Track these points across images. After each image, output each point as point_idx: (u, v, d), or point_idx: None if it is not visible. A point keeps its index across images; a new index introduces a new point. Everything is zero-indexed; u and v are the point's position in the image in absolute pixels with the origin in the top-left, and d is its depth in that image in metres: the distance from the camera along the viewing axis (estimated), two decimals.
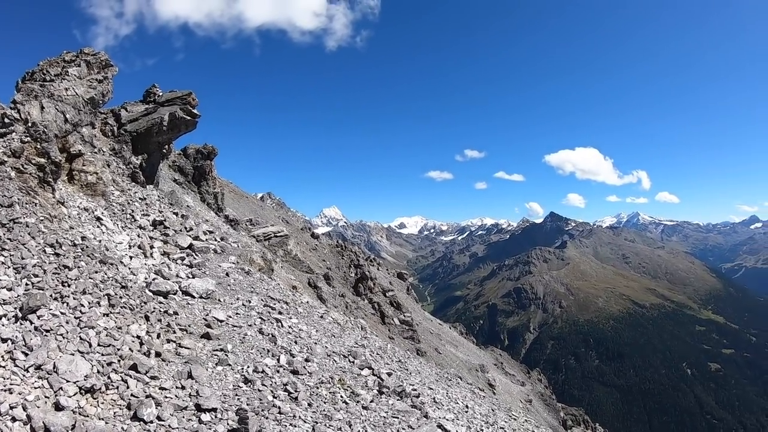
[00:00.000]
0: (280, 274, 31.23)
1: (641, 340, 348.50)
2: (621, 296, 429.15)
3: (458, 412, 18.48)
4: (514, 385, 76.55)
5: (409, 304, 73.74)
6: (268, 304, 18.44)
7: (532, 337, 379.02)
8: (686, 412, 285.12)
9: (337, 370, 15.20)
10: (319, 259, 54.93)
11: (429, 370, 25.70)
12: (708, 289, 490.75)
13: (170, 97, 29.73)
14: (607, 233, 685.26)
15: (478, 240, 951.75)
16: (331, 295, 43.07)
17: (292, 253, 45.80)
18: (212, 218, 32.39)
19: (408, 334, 53.01)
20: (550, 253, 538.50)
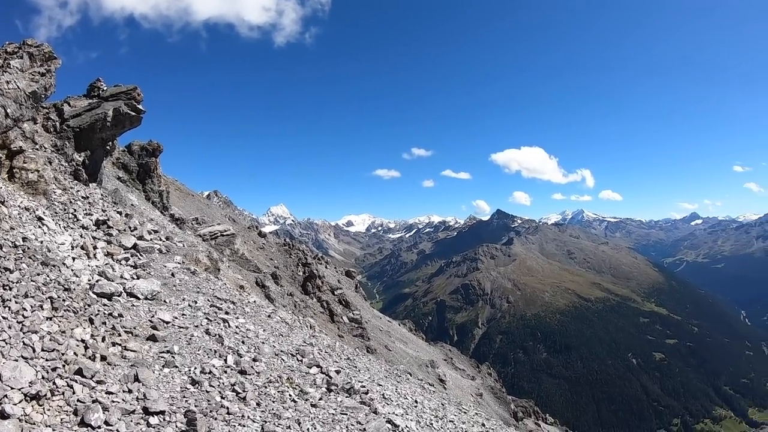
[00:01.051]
0: (227, 274, 30.91)
1: (587, 333, 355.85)
2: (567, 291, 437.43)
3: (407, 407, 18.57)
4: (464, 379, 77.23)
5: (358, 302, 73.80)
6: (214, 305, 18.26)
7: (481, 332, 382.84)
8: (633, 400, 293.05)
9: (285, 369, 15.14)
10: (266, 258, 54.58)
11: (378, 367, 25.75)
12: (651, 282, 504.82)
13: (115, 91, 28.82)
14: (553, 230, 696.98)
15: (425, 237, 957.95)
16: (279, 295, 42.89)
17: (239, 253, 45.41)
18: (157, 217, 31.88)
19: (357, 331, 53.11)
20: (497, 250, 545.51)
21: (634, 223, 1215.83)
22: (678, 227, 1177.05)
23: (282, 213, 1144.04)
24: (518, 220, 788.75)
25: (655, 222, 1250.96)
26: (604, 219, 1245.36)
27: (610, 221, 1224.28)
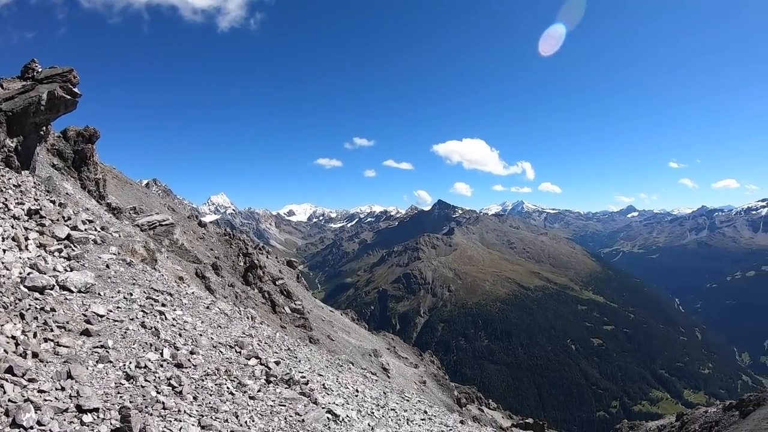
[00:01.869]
0: (166, 265, 30.33)
1: (527, 320, 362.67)
2: (507, 279, 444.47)
3: (348, 397, 18.51)
4: (407, 367, 77.62)
5: (300, 292, 73.46)
6: (150, 297, 17.83)
7: (423, 320, 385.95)
8: (573, 384, 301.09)
9: (223, 362, 14.87)
10: (206, 249, 53.74)
11: (319, 357, 25.62)
12: (588, 271, 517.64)
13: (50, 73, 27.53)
14: (493, 220, 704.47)
15: (367, 227, 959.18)
16: (219, 285, 42.28)
17: (179, 243, 44.56)
18: (93, 206, 30.98)
19: (300, 322, 52.84)
20: (438, 240, 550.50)
21: (573, 214, 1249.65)
22: (615, 219, 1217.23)
23: (222, 202, 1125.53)
24: (459, 211, 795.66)
25: (593, 214, 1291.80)
26: (543, 210, 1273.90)
27: (550, 212, 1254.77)
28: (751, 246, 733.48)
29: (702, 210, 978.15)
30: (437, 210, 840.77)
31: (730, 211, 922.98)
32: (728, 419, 56.91)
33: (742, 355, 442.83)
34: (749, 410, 54.99)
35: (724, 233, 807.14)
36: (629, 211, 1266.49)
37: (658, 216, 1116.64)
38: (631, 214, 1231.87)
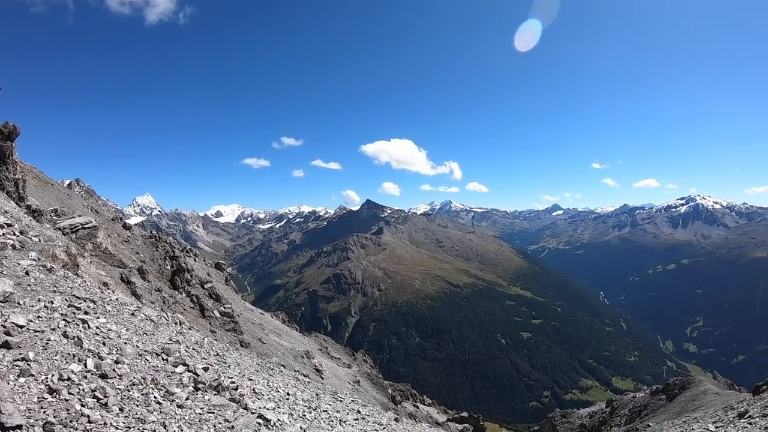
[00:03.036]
0: (89, 270, 29.43)
1: (458, 317, 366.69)
2: (436, 277, 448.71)
3: (279, 400, 18.21)
4: (340, 368, 77.37)
5: (229, 295, 72.44)
6: (73, 304, 17.18)
7: (354, 320, 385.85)
8: (505, 377, 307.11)
9: (149, 370, 14.40)
10: (132, 252, 52.38)
11: (250, 361, 25.20)
12: (516, 268, 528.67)
13: None
14: (422, 220, 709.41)
15: (296, 228, 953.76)
16: (146, 291, 41.25)
17: (103, 247, 43.27)
18: (12, 209, 29.80)
19: (230, 326, 51.99)
20: (368, 240, 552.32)
21: (500, 213, 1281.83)
22: (541, 217, 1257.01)
23: (148, 203, 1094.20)
24: (388, 210, 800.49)
25: (520, 212, 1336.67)
26: (471, 209, 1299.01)
27: (477, 211, 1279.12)
28: (671, 241, 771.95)
29: (624, 208, 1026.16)
30: (366, 210, 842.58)
31: (650, 208, 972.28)
32: (656, 403, 58.93)
33: (665, 343, 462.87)
34: (675, 393, 57.22)
35: (645, 230, 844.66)
36: (554, 210, 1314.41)
37: (582, 214, 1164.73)
38: (556, 213, 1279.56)
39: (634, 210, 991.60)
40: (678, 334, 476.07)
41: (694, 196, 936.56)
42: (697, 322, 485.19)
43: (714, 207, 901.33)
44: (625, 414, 63.60)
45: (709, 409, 40.32)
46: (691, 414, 41.16)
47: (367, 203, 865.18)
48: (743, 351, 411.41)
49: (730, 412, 27.56)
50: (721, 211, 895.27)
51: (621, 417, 63.70)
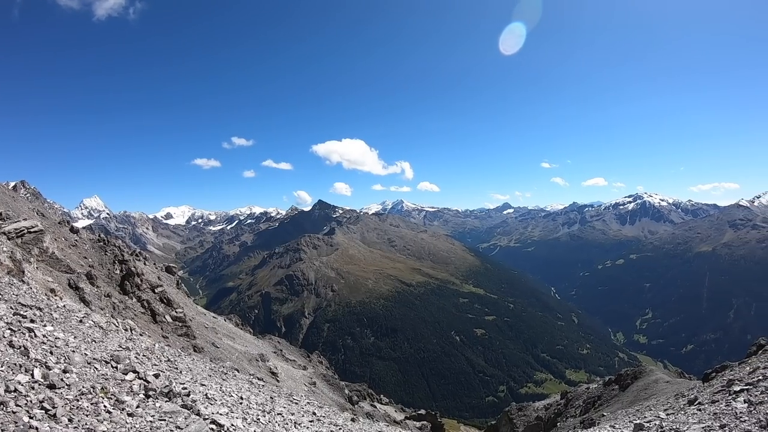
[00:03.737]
0: (35, 276, 28.65)
1: (411, 315, 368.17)
2: (389, 277, 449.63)
3: (233, 405, 17.92)
4: (296, 370, 77.00)
5: (181, 299, 71.43)
6: (18, 312, 16.63)
7: (308, 321, 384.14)
8: (461, 373, 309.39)
9: (99, 378, 13.98)
10: (80, 257, 51.15)
11: (202, 366, 24.86)
12: (468, 266, 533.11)
13: None
14: (374, 220, 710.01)
15: (247, 229, 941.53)
16: (95, 296, 40.35)
17: (49, 251, 42.15)
18: None
19: (182, 331, 51.22)
20: (320, 240, 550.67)
21: (451, 212, 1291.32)
22: (492, 216, 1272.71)
23: (96, 206, 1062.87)
24: (339, 210, 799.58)
25: (471, 211, 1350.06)
26: (422, 209, 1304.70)
27: (429, 211, 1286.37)
28: (620, 237, 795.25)
29: (573, 206, 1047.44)
30: (318, 210, 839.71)
31: (599, 206, 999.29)
32: (609, 393, 59.89)
33: (616, 335, 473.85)
34: (628, 383, 58.24)
35: (594, 226, 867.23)
36: (505, 208, 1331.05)
37: (533, 212, 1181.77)
38: (507, 211, 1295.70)
39: (583, 208, 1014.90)
40: (628, 326, 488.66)
41: (642, 194, 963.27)
42: (646, 315, 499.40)
43: (660, 204, 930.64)
44: (580, 405, 64.55)
45: (661, 397, 41.11)
46: (644, 402, 41.92)
47: (318, 203, 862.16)
48: (692, 341, 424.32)
49: (681, 399, 28.10)
50: (668, 208, 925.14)
51: (576, 408, 64.63)
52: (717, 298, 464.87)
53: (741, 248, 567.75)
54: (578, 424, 47.52)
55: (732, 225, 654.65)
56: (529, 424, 69.70)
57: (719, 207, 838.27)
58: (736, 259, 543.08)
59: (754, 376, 21.41)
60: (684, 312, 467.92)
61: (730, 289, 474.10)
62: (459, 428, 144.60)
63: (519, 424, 72.86)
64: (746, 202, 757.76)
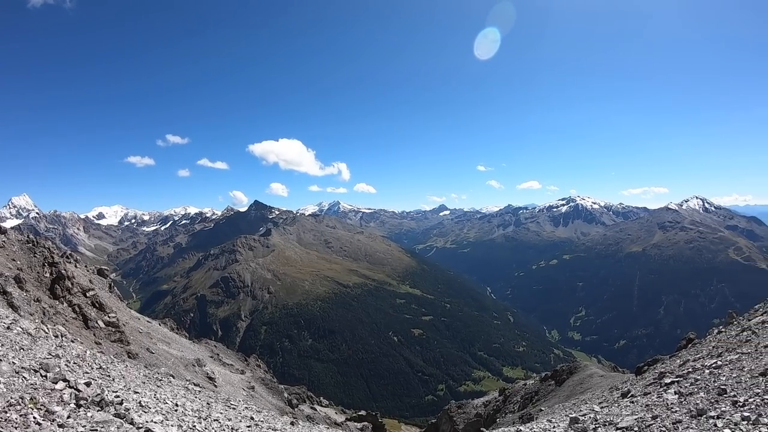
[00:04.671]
0: None
1: (349, 316, 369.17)
2: (326, 278, 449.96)
3: (168, 413, 17.40)
4: (233, 374, 75.98)
5: (114, 304, 69.65)
6: None
7: (245, 324, 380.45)
8: (399, 373, 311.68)
9: (27, 388, 13.36)
10: (7, 259, 49.32)
11: (136, 373, 24.22)
12: (404, 267, 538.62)
13: None
14: (310, 221, 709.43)
15: (182, 230, 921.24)
16: (25, 301, 38.95)
17: None
18: None
19: (116, 336, 49.90)
20: (256, 241, 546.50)
21: (388, 213, 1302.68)
22: (428, 217, 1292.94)
23: (25, 204, 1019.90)
24: (276, 211, 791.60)
25: (407, 213, 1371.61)
26: (359, 210, 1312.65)
27: (365, 212, 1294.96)
28: (553, 239, 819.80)
29: (508, 208, 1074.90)
30: (254, 211, 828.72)
31: (533, 208, 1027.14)
32: (546, 388, 60.84)
33: (551, 333, 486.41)
34: (564, 378, 59.27)
35: (528, 228, 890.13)
36: (441, 210, 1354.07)
37: (469, 214, 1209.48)
38: (443, 213, 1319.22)
39: (518, 210, 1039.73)
40: (563, 323, 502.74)
41: (575, 197, 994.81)
42: (579, 312, 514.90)
43: (593, 207, 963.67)
44: (518, 401, 65.47)
45: (596, 390, 41.98)
46: (580, 396, 42.74)
47: (255, 204, 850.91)
48: (624, 336, 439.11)
49: (615, 392, 28.71)
50: (600, 210, 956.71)
51: (514, 404, 65.54)
52: (647, 296, 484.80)
53: (670, 249, 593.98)
54: (517, 420, 48.12)
55: (661, 227, 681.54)
56: (469, 421, 70.31)
57: (649, 210, 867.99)
58: (665, 259, 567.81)
59: (684, 368, 21.96)
60: (616, 309, 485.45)
61: (659, 287, 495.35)
62: (400, 428, 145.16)
63: (459, 421, 73.42)
64: (675, 205, 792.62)
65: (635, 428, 13.96)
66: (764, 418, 11.60)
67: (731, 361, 18.53)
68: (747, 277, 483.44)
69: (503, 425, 48.43)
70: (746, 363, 17.31)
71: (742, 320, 28.38)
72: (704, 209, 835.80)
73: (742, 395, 13.76)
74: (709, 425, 12.23)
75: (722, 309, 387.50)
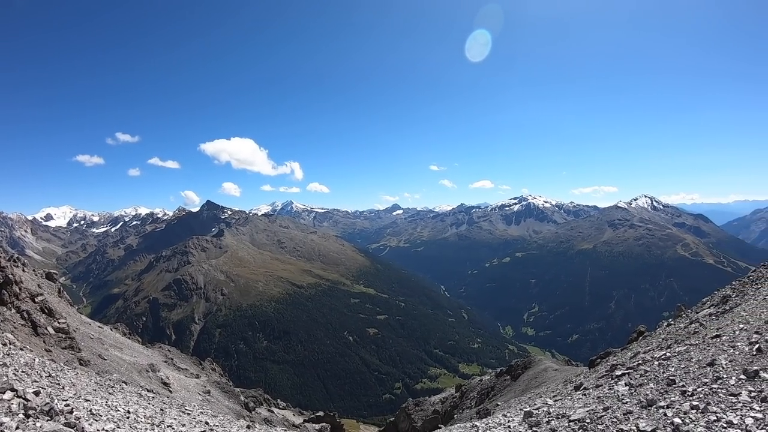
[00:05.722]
0: None
1: (303, 317, 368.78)
2: (280, 279, 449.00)
3: (119, 420, 17.05)
4: (188, 379, 75.09)
5: (63, 309, 68.22)
6: None
7: (199, 327, 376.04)
8: (356, 373, 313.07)
9: None
10: None
11: (87, 380, 23.75)
12: (358, 267, 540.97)
13: None
14: (263, 221, 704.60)
15: (132, 231, 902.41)
16: None
17: None
18: None
19: (66, 343, 48.85)
20: (208, 242, 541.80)
21: (341, 213, 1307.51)
22: (381, 217, 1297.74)
23: None
24: (228, 212, 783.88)
25: (361, 212, 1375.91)
26: (312, 210, 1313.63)
27: (319, 212, 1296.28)
28: (506, 237, 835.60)
29: (461, 207, 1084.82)
30: (206, 211, 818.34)
31: (486, 207, 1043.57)
32: (502, 383, 61.52)
33: (506, 329, 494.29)
34: (519, 373, 60.05)
35: (481, 227, 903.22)
36: (394, 209, 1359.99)
37: (422, 213, 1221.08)
38: (396, 212, 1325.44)
39: (471, 209, 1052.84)
40: (516, 320, 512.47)
41: (526, 196, 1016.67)
42: (533, 308, 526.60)
43: (544, 206, 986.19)
44: (475, 396, 66.07)
45: (551, 384, 42.61)
46: (535, 390, 43.35)
47: (207, 204, 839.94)
48: (576, 330, 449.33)
49: (568, 385, 29.14)
50: (551, 209, 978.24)
51: (471, 400, 66.11)
52: (598, 291, 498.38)
53: (619, 245, 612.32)
54: (474, 415, 48.53)
55: (611, 225, 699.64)
56: (427, 418, 70.67)
57: (599, 208, 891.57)
58: (615, 256, 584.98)
59: (634, 360, 22.38)
60: (568, 304, 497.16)
61: (610, 282, 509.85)
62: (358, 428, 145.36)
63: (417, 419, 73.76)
64: (624, 204, 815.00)
65: (587, 420, 14.17)
66: (713, 407, 11.89)
67: (680, 353, 18.94)
68: (695, 272, 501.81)
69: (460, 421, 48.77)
70: (694, 354, 17.71)
71: (690, 313, 29.06)
72: (653, 207, 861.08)
73: (691, 385, 14.07)
74: (659, 415, 12.48)
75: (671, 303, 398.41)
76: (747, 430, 10.36)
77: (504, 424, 18.72)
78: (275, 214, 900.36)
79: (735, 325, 19.60)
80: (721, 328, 20.35)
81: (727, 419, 11.04)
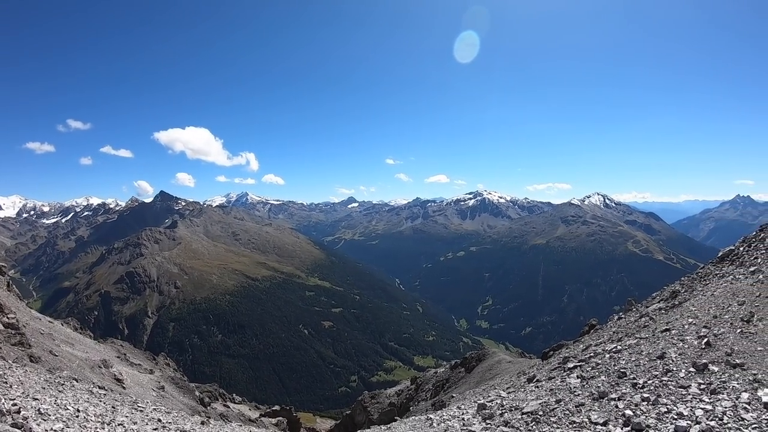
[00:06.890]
0: None
1: (258, 310, 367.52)
2: (234, 272, 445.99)
3: (68, 419, 16.72)
4: (142, 374, 74.10)
5: (13, 303, 66.66)
6: None
7: (152, 321, 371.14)
8: (312, 366, 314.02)
9: None
10: None
11: (36, 378, 23.29)
12: (313, 259, 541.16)
13: None
14: (218, 212, 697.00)
15: (84, 222, 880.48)
16: None
17: None
18: None
19: (16, 339, 47.75)
20: (161, 234, 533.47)
21: (296, 205, 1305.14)
22: (336, 210, 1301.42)
23: None
24: (182, 203, 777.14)
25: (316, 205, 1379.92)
26: (267, 201, 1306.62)
27: (274, 204, 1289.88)
28: (460, 231, 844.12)
29: (417, 201, 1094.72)
30: (159, 202, 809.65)
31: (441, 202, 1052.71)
32: (457, 375, 62.15)
33: (460, 322, 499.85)
34: (473, 365, 60.69)
35: (436, 221, 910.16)
36: (350, 202, 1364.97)
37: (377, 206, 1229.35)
38: (351, 205, 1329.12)
39: (426, 203, 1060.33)
40: (470, 313, 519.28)
41: (482, 191, 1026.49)
42: (487, 302, 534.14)
43: (499, 201, 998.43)
44: (430, 388, 66.66)
45: (505, 376, 43.18)
46: (489, 382, 43.84)
47: (160, 195, 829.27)
48: (530, 323, 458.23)
49: (522, 377, 29.53)
50: (506, 204, 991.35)
51: (426, 392, 66.69)
52: (551, 285, 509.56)
53: (572, 241, 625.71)
54: (429, 407, 48.92)
55: (564, 221, 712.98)
56: (383, 410, 71.00)
57: (553, 205, 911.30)
58: (567, 251, 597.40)
59: (586, 353, 22.77)
60: (522, 298, 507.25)
61: (563, 277, 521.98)
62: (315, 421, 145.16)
63: (373, 411, 74.06)
64: (577, 201, 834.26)
65: (540, 413, 14.35)
66: (663, 399, 12.15)
67: (630, 346, 19.28)
68: (645, 268, 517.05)
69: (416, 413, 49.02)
70: (644, 347, 18.05)
71: (640, 307, 29.60)
72: (605, 205, 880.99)
73: (641, 377, 14.35)
74: (610, 407, 12.71)
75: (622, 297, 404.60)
76: (697, 421, 10.60)
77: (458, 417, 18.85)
78: (230, 206, 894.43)
79: (684, 319, 20.03)
80: (670, 322, 20.78)
81: (677, 411, 11.28)
